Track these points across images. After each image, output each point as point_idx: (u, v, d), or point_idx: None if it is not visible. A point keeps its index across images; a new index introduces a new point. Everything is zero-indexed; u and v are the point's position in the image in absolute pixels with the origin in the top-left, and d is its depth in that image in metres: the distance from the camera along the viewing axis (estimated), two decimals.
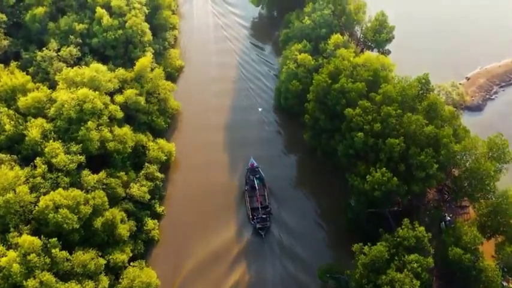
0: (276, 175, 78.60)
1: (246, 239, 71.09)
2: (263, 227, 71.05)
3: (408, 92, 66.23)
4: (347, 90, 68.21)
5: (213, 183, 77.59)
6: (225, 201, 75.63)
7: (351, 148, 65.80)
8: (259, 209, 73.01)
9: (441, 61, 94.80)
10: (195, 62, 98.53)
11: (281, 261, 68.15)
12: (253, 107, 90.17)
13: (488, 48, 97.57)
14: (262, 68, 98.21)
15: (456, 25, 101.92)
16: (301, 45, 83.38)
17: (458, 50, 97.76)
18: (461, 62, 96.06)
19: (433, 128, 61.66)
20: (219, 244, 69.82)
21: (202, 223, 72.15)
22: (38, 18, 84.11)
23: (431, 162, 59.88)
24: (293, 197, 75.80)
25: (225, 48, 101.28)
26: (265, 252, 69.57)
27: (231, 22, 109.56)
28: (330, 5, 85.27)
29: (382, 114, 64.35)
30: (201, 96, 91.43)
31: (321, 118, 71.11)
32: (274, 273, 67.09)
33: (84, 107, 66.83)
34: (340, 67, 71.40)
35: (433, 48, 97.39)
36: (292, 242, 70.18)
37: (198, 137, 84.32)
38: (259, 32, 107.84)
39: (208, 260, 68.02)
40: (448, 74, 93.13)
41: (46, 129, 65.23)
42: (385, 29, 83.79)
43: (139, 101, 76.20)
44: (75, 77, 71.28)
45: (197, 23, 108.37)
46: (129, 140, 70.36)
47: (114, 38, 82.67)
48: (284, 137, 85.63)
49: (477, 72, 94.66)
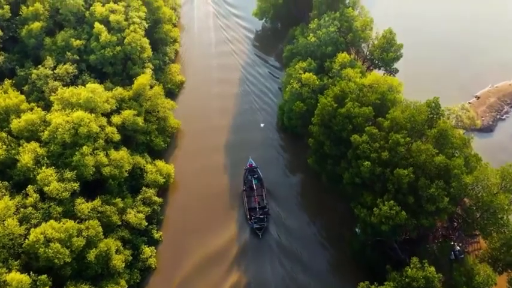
0: (279, 195, 76.14)
1: (243, 240, 70.30)
2: (260, 228, 70.82)
3: (417, 118, 63.24)
4: (353, 115, 65.29)
5: (213, 206, 74.57)
6: (225, 225, 72.57)
7: (357, 177, 62.88)
8: (257, 209, 72.93)
9: (449, 78, 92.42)
10: (196, 77, 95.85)
11: (280, 262, 67.63)
12: (256, 124, 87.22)
13: (499, 66, 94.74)
14: (268, 82, 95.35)
15: (466, 40, 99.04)
16: (306, 64, 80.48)
17: (468, 66, 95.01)
18: (471, 79, 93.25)
19: (444, 159, 58.64)
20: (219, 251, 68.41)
21: (202, 248, 69.47)
22: (35, 33, 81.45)
23: (442, 195, 56.96)
24: (297, 223, 72.78)
25: (228, 63, 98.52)
26: (263, 252, 69.14)
27: (236, 35, 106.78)
28: (335, 21, 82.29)
29: (390, 142, 61.40)
30: (202, 113, 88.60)
31: (326, 143, 68.18)
32: (273, 273, 66.46)
33: (79, 130, 64.11)
34: (347, 90, 68.47)
35: (441, 64, 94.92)
36: (291, 244, 69.59)
37: (198, 157, 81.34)
38: (263, 45, 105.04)
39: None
40: (457, 92, 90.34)
41: (39, 155, 62.49)
42: (392, 47, 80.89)
43: (137, 122, 73.47)
44: (71, 98, 68.58)
45: (198, 36, 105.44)
46: (125, 164, 67.57)
47: (112, 55, 79.89)
48: (287, 156, 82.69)
49: (487, 91, 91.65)
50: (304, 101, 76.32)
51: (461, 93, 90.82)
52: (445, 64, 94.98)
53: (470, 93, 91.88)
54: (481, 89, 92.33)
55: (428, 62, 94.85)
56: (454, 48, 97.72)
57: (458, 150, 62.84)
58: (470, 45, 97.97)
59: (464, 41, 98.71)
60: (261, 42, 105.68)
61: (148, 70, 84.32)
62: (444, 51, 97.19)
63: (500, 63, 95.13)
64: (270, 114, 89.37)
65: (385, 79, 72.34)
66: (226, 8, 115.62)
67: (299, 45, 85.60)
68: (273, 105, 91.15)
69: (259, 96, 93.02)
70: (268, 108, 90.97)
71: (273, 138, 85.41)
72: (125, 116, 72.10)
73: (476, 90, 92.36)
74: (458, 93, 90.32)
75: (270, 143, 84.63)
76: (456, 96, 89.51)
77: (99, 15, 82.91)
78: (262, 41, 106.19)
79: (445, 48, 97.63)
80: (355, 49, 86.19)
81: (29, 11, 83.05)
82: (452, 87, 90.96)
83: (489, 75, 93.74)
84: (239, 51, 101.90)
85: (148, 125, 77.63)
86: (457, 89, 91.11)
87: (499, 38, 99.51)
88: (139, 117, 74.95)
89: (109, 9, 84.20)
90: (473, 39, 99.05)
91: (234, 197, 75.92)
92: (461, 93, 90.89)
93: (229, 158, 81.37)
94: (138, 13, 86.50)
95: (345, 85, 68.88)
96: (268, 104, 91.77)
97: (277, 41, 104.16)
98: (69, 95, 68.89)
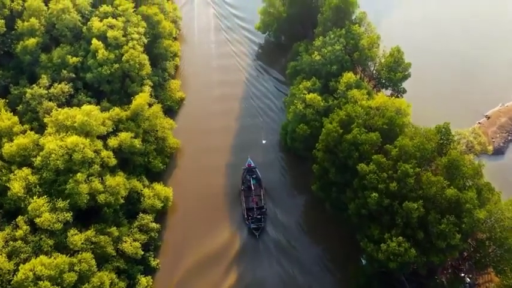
0: (280, 219, 73.49)
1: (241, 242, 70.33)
2: (257, 228, 70.73)
3: (427, 147, 60.26)
4: (360, 142, 62.29)
5: (213, 232, 71.89)
6: (226, 253, 69.87)
7: (364, 208, 59.87)
8: (255, 209, 72.80)
9: (458, 96, 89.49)
10: (197, 92, 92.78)
11: (278, 262, 67.69)
12: (259, 142, 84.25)
13: (509, 84, 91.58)
14: (272, 97, 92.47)
15: (475, 57, 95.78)
16: (310, 83, 77.51)
17: (477, 84, 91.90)
18: (480, 97, 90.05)
19: (456, 192, 55.50)
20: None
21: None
22: (30, 49, 78.75)
23: (453, 231, 53.93)
24: (301, 251, 70.12)
25: (230, 78, 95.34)
26: (260, 252, 69.06)
27: (240, 50, 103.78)
28: (341, 39, 79.26)
29: (399, 173, 58.36)
30: (203, 131, 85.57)
31: (331, 170, 65.20)
32: (271, 273, 66.56)
33: (73, 156, 61.37)
34: (353, 114, 65.47)
35: (449, 81, 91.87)
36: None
37: (198, 177, 78.65)
38: (267, 58, 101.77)
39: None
40: (466, 111, 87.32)
41: (30, 183, 59.75)
42: (400, 66, 77.88)
43: (134, 144, 70.68)
44: (65, 121, 65.83)
45: (200, 49, 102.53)
46: (121, 190, 64.80)
47: (109, 73, 77.08)
48: (290, 177, 79.85)
49: (498, 110, 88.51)
50: (309, 123, 73.36)
51: (470, 112, 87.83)
52: (453, 81, 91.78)
53: (480, 112, 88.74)
54: (491, 108, 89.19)
55: (436, 79, 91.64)
56: (463, 65, 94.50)
57: (470, 179, 59.96)
58: (480, 62, 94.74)
59: (474, 58, 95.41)
60: (264, 56, 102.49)
61: (147, 88, 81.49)
62: (453, 68, 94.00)
63: (510, 81, 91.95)
64: (273, 129, 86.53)
65: (393, 102, 69.26)
66: (231, 20, 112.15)
67: (303, 62, 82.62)
68: (276, 119, 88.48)
69: (263, 112, 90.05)
70: (271, 122, 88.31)
71: (275, 158, 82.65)
72: (122, 139, 69.34)
73: (486, 109, 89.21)
74: (467, 112, 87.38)
75: (272, 163, 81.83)
76: (465, 115, 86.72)
77: (96, 30, 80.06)
78: (265, 54, 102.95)
79: (453, 65, 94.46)
80: (362, 67, 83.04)
81: (24, 26, 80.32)
82: (461, 105, 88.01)
83: (499, 93, 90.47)
84: (242, 66, 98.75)
85: (146, 146, 74.84)
86: (466, 107, 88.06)
87: (509, 56, 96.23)
88: (137, 139, 72.21)
89: (107, 24, 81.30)
90: (483, 56, 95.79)
91: (234, 219, 73.42)
92: (471, 112, 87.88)
93: (230, 178, 78.64)
94: (137, 28, 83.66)
95: (351, 109, 65.88)
96: (271, 119, 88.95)
97: (281, 54, 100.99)
98: (64, 118, 66.16)
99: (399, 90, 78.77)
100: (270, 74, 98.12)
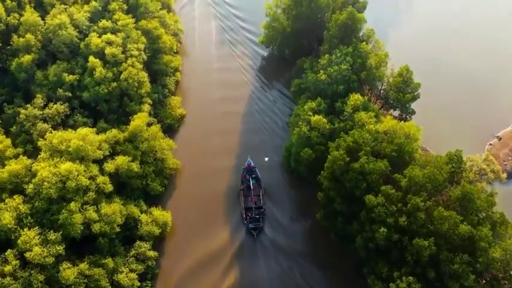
0: (282, 245, 70.81)
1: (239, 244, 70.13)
2: (256, 228, 70.64)
3: (438, 178, 57.22)
4: (368, 172, 59.27)
5: (214, 257, 69.19)
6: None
7: (371, 242, 56.96)
8: (253, 209, 72.86)
9: (469, 116, 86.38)
10: (198, 109, 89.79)
11: (276, 261, 67.76)
12: (262, 162, 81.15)
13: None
14: (276, 114, 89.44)
15: (486, 76, 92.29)
16: (315, 104, 74.45)
17: (488, 103, 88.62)
18: (492, 117, 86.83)
19: (469, 228, 52.49)
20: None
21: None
22: (25, 67, 76.05)
23: (467, 271, 50.98)
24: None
25: (232, 94, 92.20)
26: (258, 252, 69.21)
27: (243, 65, 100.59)
28: (348, 57, 76.18)
29: (409, 206, 55.39)
30: (204, 150, 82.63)
31: (337, 200, 62.19)
32: (268, 273, 66.51)
33: (67, 184, 58.69)
34: (360, 141, 62.45)
35: (459, 100, 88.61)
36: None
37: (198, 201, 75.80)
38: (271, 73, 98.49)
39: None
40: (476, 131, 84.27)
41: (22, 213, 56.96)
42: (409, 87, 74.81)
43: (132, 168, 67.90)
44: (60, 145, 63.12)
45: (201, 64, 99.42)
46: (117, 218, 62.01)
47: (107, 92, 74.24)
48: (293, 200, 76.89)
49: (510, 131, 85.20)
50: (313, 147, 70.25)
51: (481, 133, 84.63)
52: (463, 100, 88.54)
53: (490, 133, 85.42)
54: (503, 129, 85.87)
55: (445, 97, 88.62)
56: (474, 83, 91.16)
57: (484, 212, 56.90)
58: (491, 81, 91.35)
59: (485, 76, 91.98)
60: (267, 70, 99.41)
61: (146, 106, 78.63)
62: (463, 86, 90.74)
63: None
64: (276, 146, 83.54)
65: (402, 126, 66.15)
66: (238, 33, 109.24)
67: (308, 81, 79.54)
68: (280, 135, 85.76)
69: (267, 129, 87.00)
70: (275, 139, 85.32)
71: (278, 178, 79.73)
72: (119, 163, 66.54)
73: (498, 129, 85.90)
74: (477, 133, 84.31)
75: (276, 184, 78.93)
76: (475, 135, 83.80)
77: (94, 47, 77.26)
78: (269, 68, 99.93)
79: (464, 83, 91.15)
80: (369, 86, 79.93)
81: (20, 42, 77.57)
82: (472, 125, 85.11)
83: (511, 113, 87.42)
84: (245, 82, 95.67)
85: (144, 168, 71.99)
86: (476, 127, 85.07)
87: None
88: (135, 162, 69.42)
89: (106, 40, 78.50)
90: (494, 74, 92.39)
91: (234, 246, 70.81)
92: (481, 133, 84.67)
93: (231, 198, 75.99)
94: (136, 45, 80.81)
95: (358, 136, 62.85)
96: (274, 136, 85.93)
97: (285, 67, 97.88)
98: (58, 142, 63.47)
99: (408, 111, 75.70)
100: (273, 87, 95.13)
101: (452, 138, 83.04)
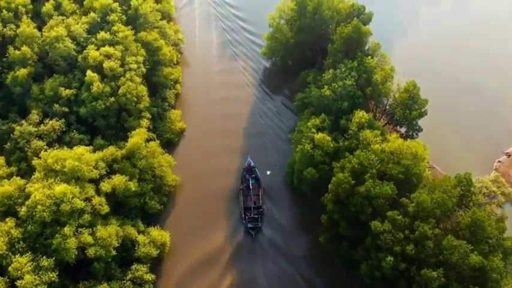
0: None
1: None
2: (254, 227, 70.70)
3: (447, 203, 54.96)
4: (374, 196, 56.98)
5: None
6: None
7: (377, 270, 54.67)
8: (252, 208, 72.84)
9: (476, 131, 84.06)
10: (198, 122, 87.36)
11: (274, 262, 67.91)
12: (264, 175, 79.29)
13: None
14: (280, 130, 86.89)
15: (495, 91, 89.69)
16: (319, 121, 72.17)
17: (496, 119, 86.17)
18: (500, 133, 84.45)
19: (480, 259, 50.30)
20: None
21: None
22: (20, 80, 73.99)
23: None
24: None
25: (233, 110, 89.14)
26: (257, 252, 69.38)
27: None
28: (353, 72, 73.89)
29: (417, 234, 53.15)
30: (204, 167, 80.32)
31: (341, 224, 59.94)
32: (265, 273, 66.69)
33: (61, 207, 56.57)
34: (366, 163, 60.14)
35: (467, 114, 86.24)
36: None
37: (198, 220, 73.61)
38: (273, 85, 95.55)
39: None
40: (484, 148, 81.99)
41: (14, 237, 54.85)
42: (416, 103, 72.53)
43: (129, 188, 65.72)
44: (54, 165, 61.01)
45: (203, 78, 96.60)
46: (113, 241, 59.86)
47: (105, 108, 72.08)
48: (296, 217, 74.76)
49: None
50: (317, 166, 67.94)
51: (489, 149, 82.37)
52: (472, 115, 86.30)
53: (499, 149, 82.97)
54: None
55: (453, 112, 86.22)
56: (483, 98, 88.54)
57: (494, 238, 54.61)
58: (500, 96, 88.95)
59: (494, 92, 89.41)
60: (270, 81, 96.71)
61: (145, 122, 76.34)
62: (472, 102, 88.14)
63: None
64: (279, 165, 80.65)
65: (409, 146, 63.84)
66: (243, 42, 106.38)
67: (312, 96, 77.25)
68: (282, 148, 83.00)
69: (270, 147, 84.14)
70: (276, 152, 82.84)
71: (281, 195, 77.59)
72: (116, 183, 64.35)
73: (507, 145, 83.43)
74: (485, 149, 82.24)
75: (279, 200, 76.82)
76: (484, 152, 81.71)
77: (92, 60, 75.09)
78: (271, 80, 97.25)
79: (472, 98, 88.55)
80: (374, 101, 77.55)
81: (15, 55, 75.47)
82: (480, 141, 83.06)
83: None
84: (246, 97, 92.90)
85: (142, 186, 69.74)
86: (484, 143, 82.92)
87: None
88: (133, 180, 67.23)
89: (104, 53, 76.32)
90: (504, 90, 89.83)
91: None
92: (489, 150, 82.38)
93: (232, 215, 73.99)
94: (135, 57, 78.59)
95: (364, 158, 60.53)
96: (275, 148, 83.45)
97: (288, 77, 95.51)
98: (53, 161, 61.37)
99: (414, 128, 73.41)
100: (276, 99, 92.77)
101: (460, 154, 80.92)
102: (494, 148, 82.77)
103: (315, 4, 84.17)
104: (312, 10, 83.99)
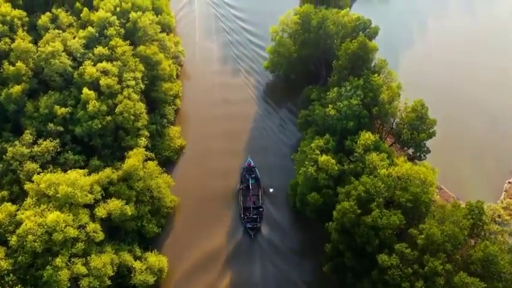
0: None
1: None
2: (253, 227, 70.46)
3: (459, 236, 52.28)
4: (380, 227, 54.33)
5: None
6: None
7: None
8: (251, 208, 72.63)
9: (485, 151, 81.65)
10: (198, 140, 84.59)
11: (272, 262, 67.59)
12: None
13: None
14: (281, 143, 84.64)
15: (504, 110, 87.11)
16: (323, 142, 69.46)
17: (506, 138, 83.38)
18: (509, 153, 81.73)
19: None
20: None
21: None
22: (15, 98, 71.50)
23: None
24: None
25: (235, 128, 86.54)
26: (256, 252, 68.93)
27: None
28: (358, 91, 71.20)
29: (426, 269, 50.49)
30: (203, 187, 77.68)
31: (346, 254, 57.29)
32: (264, 272, 66.41)
33: (53, 236, 54.08)
34: (372, 191, 57.46)
35: (476, 134, 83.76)
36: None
37: (198, 241, 71.22)
38: (276, 97, 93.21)
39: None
40: (492, 169, 79.83)
41: (3, 269, 52.35)
42: (424, 123, 69.88)
43: (125, 212, 63.17)
44: (47, 190, 58.50)
45: (203, 93, 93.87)
46: (108, 270, 57.35)
47: (101, 127, 69.53)
48: (298, 239, 72.03)
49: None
50: (321, 190, 65.28)
51: (498, 170, 79.90)
52: (482, 135, 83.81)
53: (508, 169, 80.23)
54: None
55: (462, 131, 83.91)
56: (493, 118, 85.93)
57: (508, 274, 51.89)
58: (509, 114, 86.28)
59: (504, 110, 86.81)
60: (273, 96, 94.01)
61: (143, 140, 73.77)
62: (481, 121, 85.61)
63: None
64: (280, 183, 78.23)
65: (417, 172, 61.14)
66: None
67: (315, 114, 74.56)
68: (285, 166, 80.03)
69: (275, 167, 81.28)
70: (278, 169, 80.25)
71: (283, 215, 75.12)
72: (112, 208, 61.80)
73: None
74: (495, 169, 79.87)
75: (280, 220, 74.31)
76: (493, 172, 79.34)
77: (88, 77, 72.55)
78: (274, 94, 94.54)
79: (482, 117, 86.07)
80: (380, 120, 74.87)
81: (10, 71, 72.99)
82: (489, 161, 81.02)
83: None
84: (245, 115, 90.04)
85: (139, 208, 67.24)
86: (493, 164, 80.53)
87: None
88: (129, 204, 64.70)
89: (101, 69, 73.77)
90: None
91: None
92: (499, 170, 79.89)
93: (234, 234, 71.63)
94: (133, 73, 76.01)
95: (370, 185, 57.85)
96: (281, 171, 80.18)
97: (292, 93, 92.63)
98: (46, 186, 58.82)
99: (422, 150, 70.74)
100: (279, 112, 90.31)
101: (468, 174, 78.53)
102: (504, 168, 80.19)
103: (320, 18, 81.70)
104: (316, 25, 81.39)
